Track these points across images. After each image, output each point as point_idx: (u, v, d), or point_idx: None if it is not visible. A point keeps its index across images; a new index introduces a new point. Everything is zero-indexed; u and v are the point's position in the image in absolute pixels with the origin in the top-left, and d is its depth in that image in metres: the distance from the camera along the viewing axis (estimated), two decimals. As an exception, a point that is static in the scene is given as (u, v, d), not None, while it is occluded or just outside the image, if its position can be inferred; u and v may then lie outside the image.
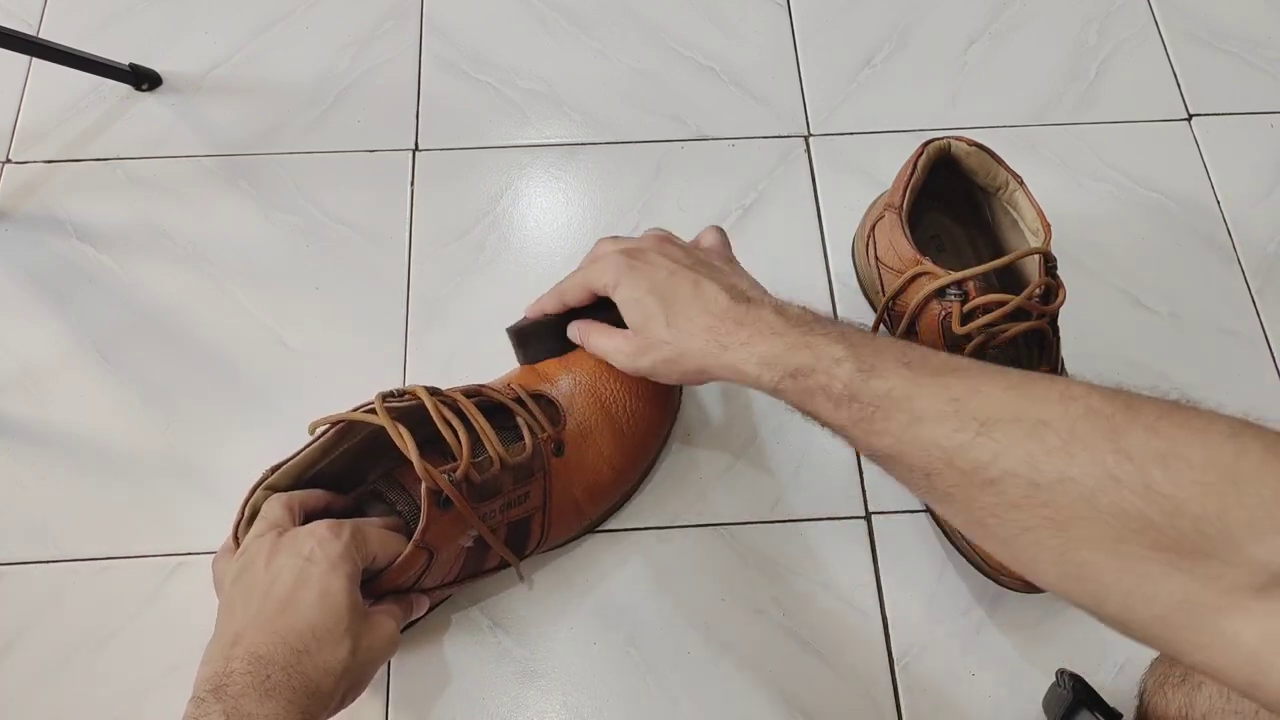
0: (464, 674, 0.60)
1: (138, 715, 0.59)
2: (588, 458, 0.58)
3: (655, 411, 0.61)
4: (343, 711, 0.47)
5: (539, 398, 0.58)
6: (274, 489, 0.52)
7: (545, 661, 0.61)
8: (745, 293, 0.51)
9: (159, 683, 0.60)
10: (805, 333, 0.47)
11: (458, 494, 0.51)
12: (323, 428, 0.52)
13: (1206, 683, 0.48)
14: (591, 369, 0.59)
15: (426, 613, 0.57)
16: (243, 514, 0.52)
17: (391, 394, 0.53)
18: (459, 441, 0.51)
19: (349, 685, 0.47)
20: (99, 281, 0.72)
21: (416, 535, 0.50)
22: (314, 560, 0.47)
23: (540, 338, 0.60)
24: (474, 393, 0.56)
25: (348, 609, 0.46)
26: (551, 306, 0.59)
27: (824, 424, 0.46)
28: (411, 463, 0.50)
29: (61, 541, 0.64)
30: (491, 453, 0.53)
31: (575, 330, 0.58)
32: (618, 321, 0.54)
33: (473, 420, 0.53)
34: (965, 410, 0.39)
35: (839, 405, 0.44)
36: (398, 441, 0.50)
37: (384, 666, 0.59)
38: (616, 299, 0.54)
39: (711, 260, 0.55)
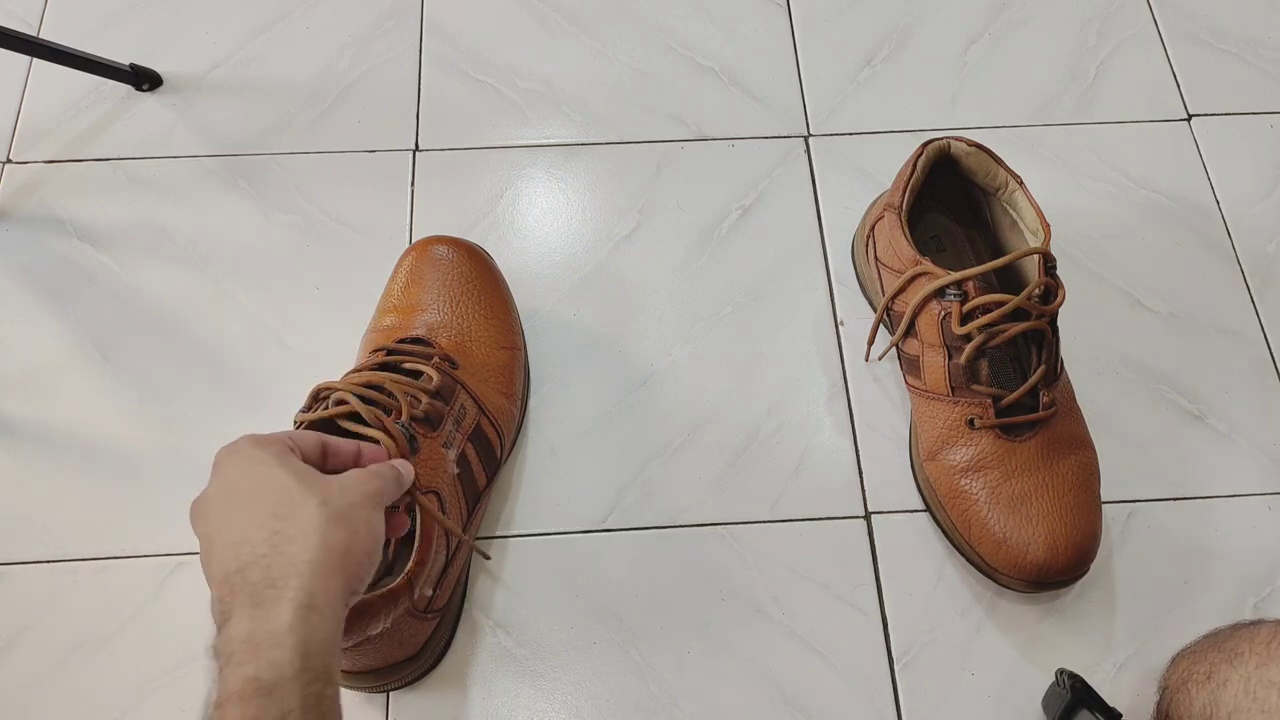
0: (464, 674, 0.61)
1: (137, 715, 0.59)
2: (476, 355, 0.63)
3: (492, 284, 0.67)
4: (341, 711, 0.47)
5: (406, 341, 0.62)
6: None
7: (545, 661, 0.61)
8: None
9: (158, 683, 0.60)
10: None
11: (415, 427, 0.54)
12: None
13: (1232, 680, 0.48)
14: (435, 299, 0.64)
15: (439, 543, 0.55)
16: None
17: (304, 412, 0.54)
18: (389, 396, 0.55)
19: (345, 536, 0.42)
20: (99, 281, 0.72)
21: (415, 484, 0.52)
22: (234, 466, 0.44)
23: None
24: (357, 369, 0.59)
25: (292, 476, 0.43)
26: None
27: None
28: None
29: (61, 541, 0.64)
30: (412, 390, 0.57)
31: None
32: None
33: (383, 382, 0.56)
34: None
35: None
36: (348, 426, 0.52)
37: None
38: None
39: None
